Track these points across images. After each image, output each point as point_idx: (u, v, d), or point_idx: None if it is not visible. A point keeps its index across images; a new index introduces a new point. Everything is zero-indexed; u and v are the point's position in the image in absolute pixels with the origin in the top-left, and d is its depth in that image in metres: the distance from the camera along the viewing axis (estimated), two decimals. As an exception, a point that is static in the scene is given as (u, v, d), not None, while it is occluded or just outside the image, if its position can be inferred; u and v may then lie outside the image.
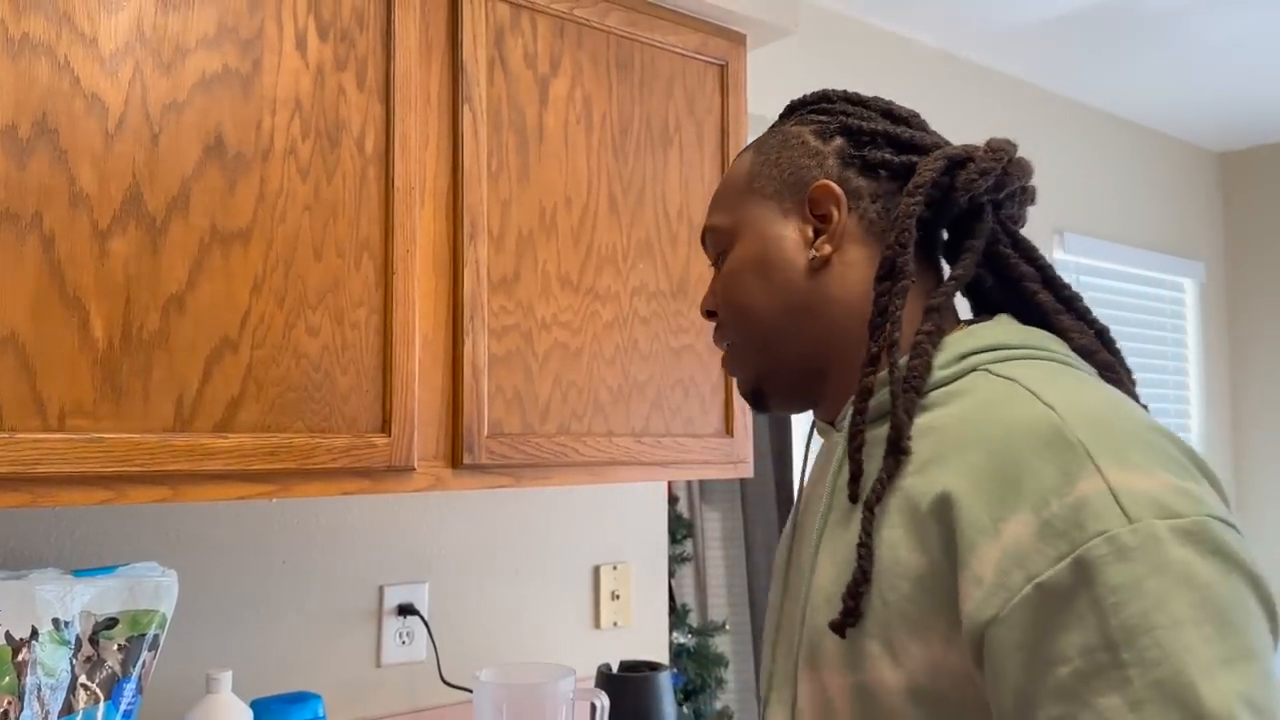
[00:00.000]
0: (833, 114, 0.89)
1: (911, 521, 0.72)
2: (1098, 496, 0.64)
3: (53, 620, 1.23)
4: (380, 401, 1.36)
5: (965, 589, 0.67)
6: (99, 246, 1.16)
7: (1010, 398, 0.73)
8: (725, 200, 0.91)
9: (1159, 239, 3.57)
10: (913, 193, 0.81)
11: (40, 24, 1.14)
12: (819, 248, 0.85)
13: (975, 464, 0.70)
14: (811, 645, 0.79)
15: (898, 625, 0.71)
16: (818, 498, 0.85)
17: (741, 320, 0.88)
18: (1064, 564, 0.64)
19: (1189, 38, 2.81)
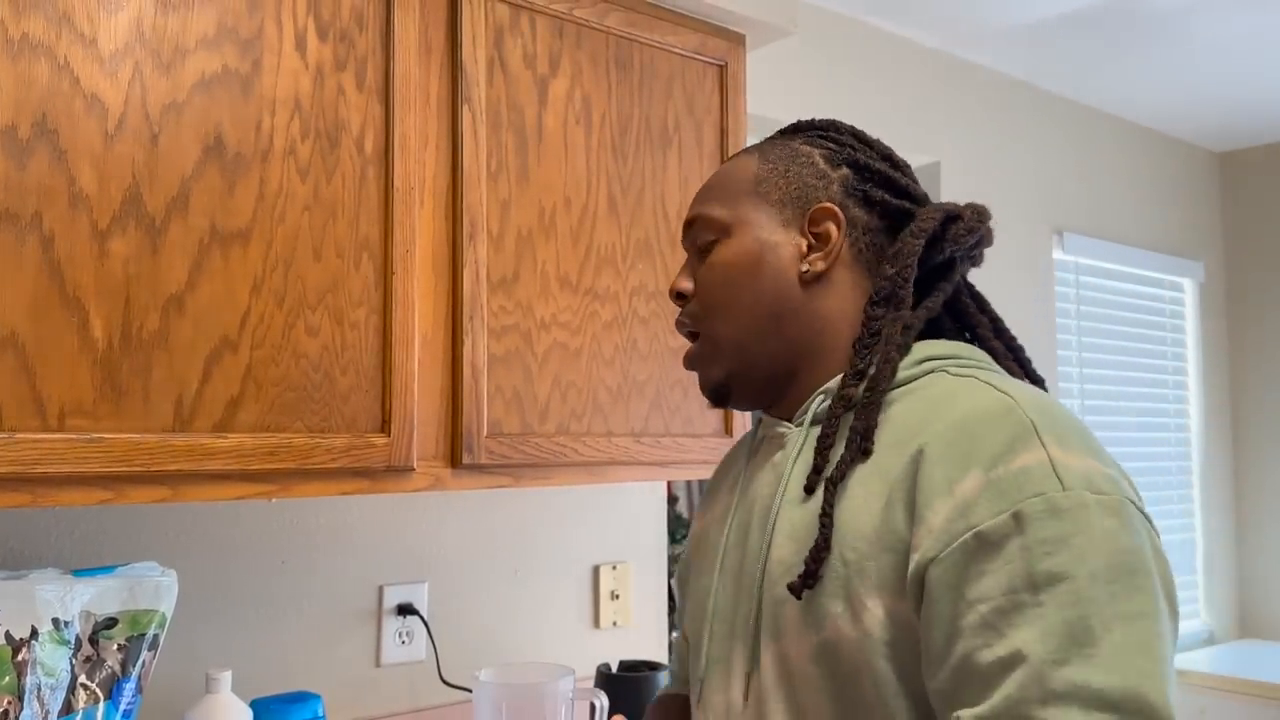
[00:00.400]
0: (841, 145, 0.95)
1: (878, 490, 0.80)
2: (1039, 466, 0.74)
3: (52, 620, 1.23)
4: (380, 401, 1.36)
5: (917, 539, 0.76)
6: (99, 247, 1.16)
7: (971, 388, 0.83)
8: (724, 194, 0.95)
9: (1158, 239, 3.57)
10: (917, 235, 0.90)
11: (40, 24, 1.14)
12: (813, 262, 0.91)
13: (940, 434, 0.79)
14: (773, 615, 0.85)
15: (857, 583, 0.79)
16: (766, 483, 0.92)
17: (723, 315, 0.93)
18: (1002, 517, 0.73)
19: (1189, 38, 2.81)
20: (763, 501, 0.92)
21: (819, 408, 0.91)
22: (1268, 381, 3.73)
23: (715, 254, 0.94)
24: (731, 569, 0.93)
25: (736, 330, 0.92)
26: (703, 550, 1.01)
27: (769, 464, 0.94)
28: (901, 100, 2.76)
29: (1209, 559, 3.65)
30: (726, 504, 1.01)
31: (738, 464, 1.04)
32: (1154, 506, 3.52)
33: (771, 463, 0.94)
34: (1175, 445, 3.62)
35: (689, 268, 0.97)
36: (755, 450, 0.99)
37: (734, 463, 1.06)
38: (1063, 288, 3.24)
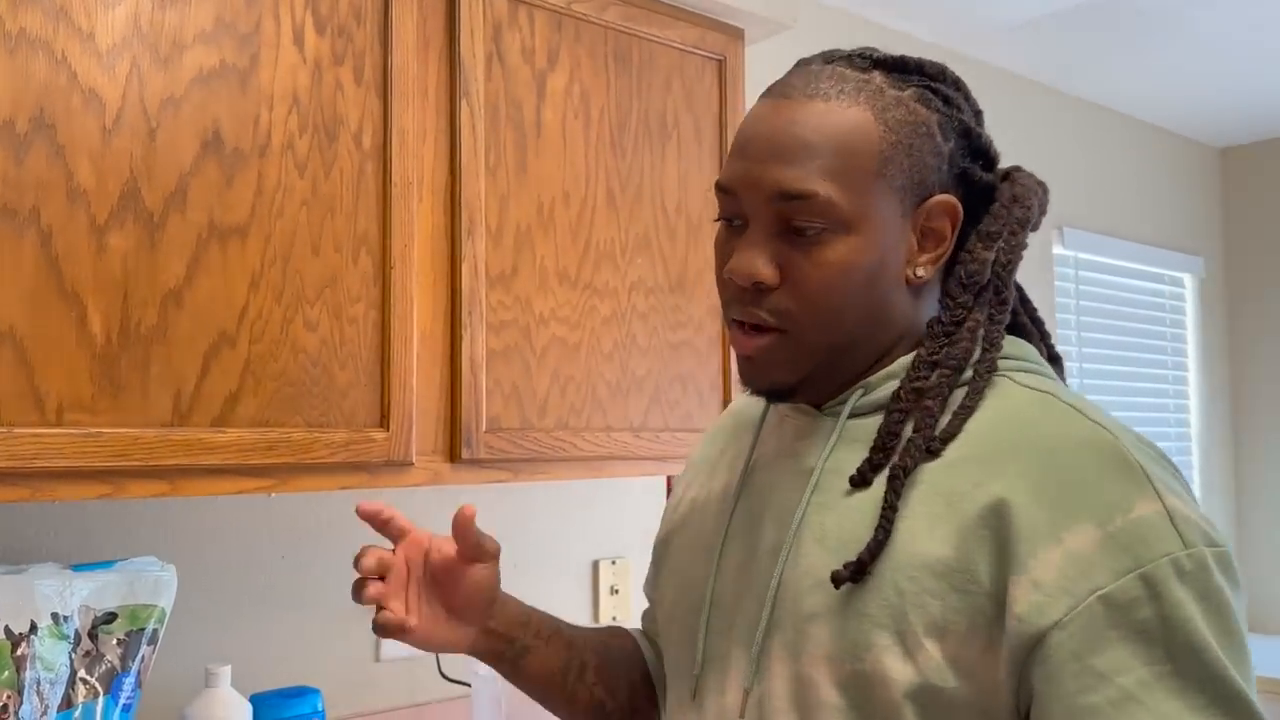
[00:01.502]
0: (953, 104, 0.81)
1: (943, 516, 0.72)
2: (1158, 519, 0.68)
3: (52, 615, 1.23)
4: (378, 396, 1.36)
5: (1019, 593, 0.68)
6: (97, 242, 1.16)
7: (1051, 407, 0.75)
8: (844, 170, 0.76)
9: (1159, 234, 3.57)
10: (1024, 225, 0.81)
11: (37, 19, 1.14)
12: (925, 266, 0.80)
13: (1030, 472, 0.71)
14: (795, 631, 0.77)
15: (915, 619, 0.71)
16: (785, 473, 0.83)
17: (827, 322, 0.78)
18: (1129, 579, 0.67)
19: (1190, 32, 2.81)
20: (781, 494, 0.83)
21: (860, 400, 0.81)
22: (1268, 376, 3.73)
23: (826, 247, 0.76)
24: (734, 563, 0.85)
25: (832, 340, 0.79)
26: (696, 528, 0.92)
27: (788, 451, 0.85)
28: (901, 95, 2.75)
29: (1209, 554, 3.65)
30: (727, 483, 0.91)
31: (740, 437, 0.94)
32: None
33: (791, 451, 0.84)
34: (1175, 440, 3.62)
35: (761, 247, 0.78)
36: (770, 430, 0.89)
37: (735, 434, 0.96)
38: (1063, 283, 3.24)
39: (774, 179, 0.76)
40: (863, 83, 0.78)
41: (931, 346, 0.79)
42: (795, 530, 0.79)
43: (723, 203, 0.81)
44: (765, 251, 0.78)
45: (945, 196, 0.79)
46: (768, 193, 0.77)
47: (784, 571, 0.79)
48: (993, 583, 0.70)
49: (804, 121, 0.77)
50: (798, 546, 0.79)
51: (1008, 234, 0.80)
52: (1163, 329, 3.62)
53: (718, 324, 1.73)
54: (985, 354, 0.78)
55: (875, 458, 0.77)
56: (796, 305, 0.78)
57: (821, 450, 0.81)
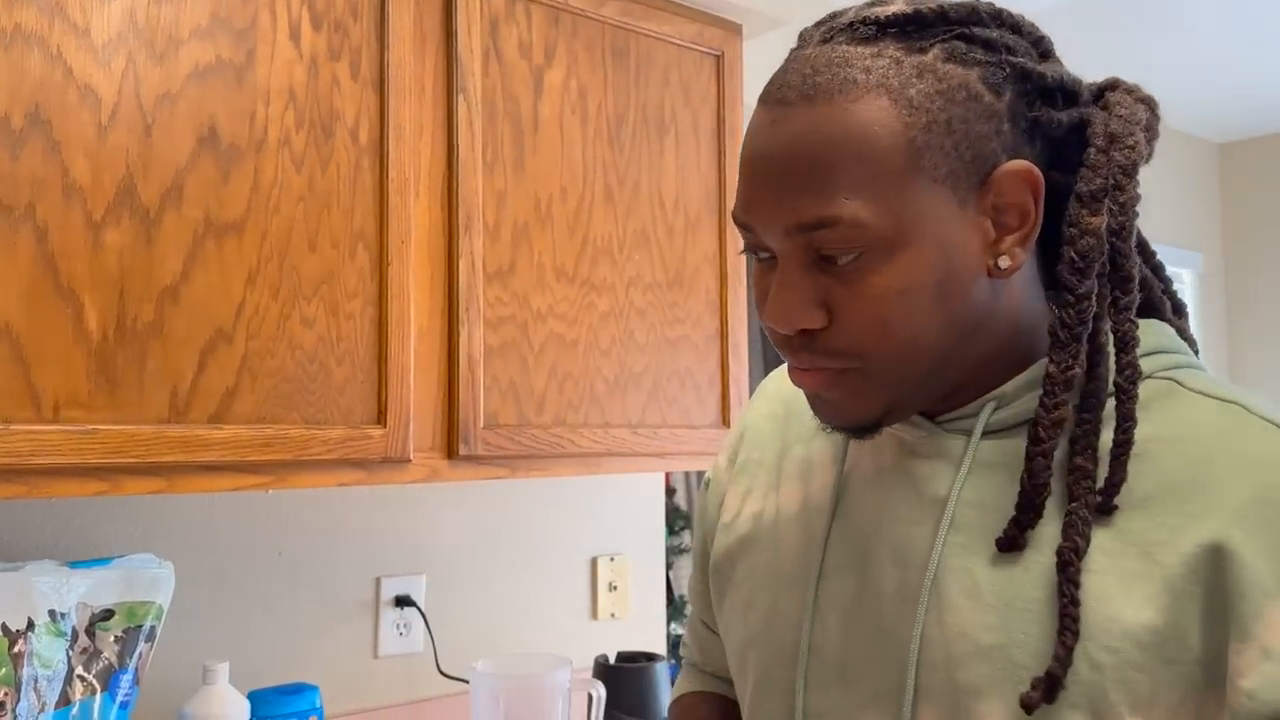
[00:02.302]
0: (996, 49, 0.64)
1: (1140, 573, 0.60)
2: None
3: (49, 612, 1.23)
4: (375, 393, 1.36)
5: (1247, 662, 0.56)
6: (92, 238, 1.16)
7: (1249, 423, 0.62)
8: (864, 176, 0.62)
9: (1158, 230, 3.57)
10: (1130, 171, 0.65)
11: (32, 15, 1.14)
12: (1011, 253, 0.64)
13: (1243, 510, 0.58)
14: (953, 707, 0.64)
15: (1116, 696, 0.59)
16: (902, 503, 0.69)
17: (901, 354, 0.64)
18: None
19: (1188, 27, 2.81)
20: (900, 527, 0.69)
21: (992, 417, 0.67)
22: (1266, 371, 3.73)
23: (871, 273, 0.63)
24: (836, 603, 0.71)
25: (916, 365, 0.65)
26: (769, 550, 0.77)
27: (899, 472, 0.71)
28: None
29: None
30: (806, 497, 0.76)
31: (807, 443, 0.79)
32: None
33: (905, 472, 0.70)
34: (1174, 436, 3.62)
35: (801, 285, 0.64)
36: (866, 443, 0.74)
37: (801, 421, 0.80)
38: (1061, 278, 3.24)
39: (787, 209, 0.63)
40: (871, 60, 0.63)
41: (1061, 359, 0.63)
42: (934, 576, 0.65)
43: (743, 235, 0.68)
44: (802, 292, 0.64)
45: (1015, 164, 0.63)
46: (784, 225, 0.64)
47: (925, 629, 0.65)
48: (1206, 648, 0.58)
49: (809, 132, 0.62)
50: (939, 599, 0.65)
51: (1113, 188, 0.64)
52: (1161, 325, 3.62)
53: (716, 320, 1.73)
54: (1121, 357, 0.64)
55: (1024, 518, 0.63)
56: (856, 344, 0.64)
57: (951, 477, 0.67)
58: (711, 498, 0.87)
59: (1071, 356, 0.63)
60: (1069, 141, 0.67)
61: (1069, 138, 0.67)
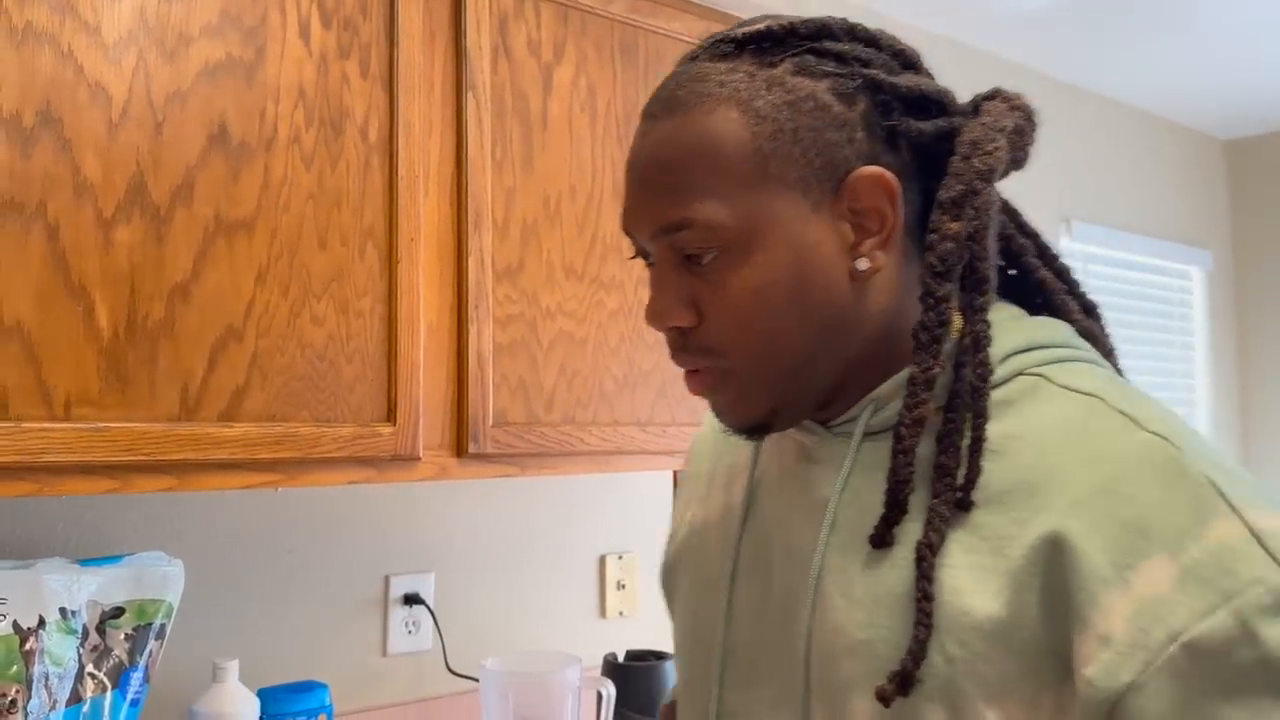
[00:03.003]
0: (846, 60, 0.68)
1: (990, 567, 0.62)
2: (1241, 541, 0.57)
3: (60, 609, 1.24)
4: (385, 391, 1.36)
5: (1086, 650, 0.58)
6: (103, 235, 1.16)
7: (1100, 416, 0.64)
8: (715, 182, 0.67)
9: (1166, 227, 3.56)
10: (985, 176, 0.67)
11: (43, 13, 1.14)
12: (870, 255, 0.67)
13: (1083, 500, 0.60)
14: (834, 702, 0.66)
15: (970, 688, 0.61)
16: (795, 509, 0.73)
17: (764, 350, 0.68)
18: (1217, 617, 0.55)
19: (1197, 23, 2.80)
20: (791, 530, 0.72)
21: (872, 419, 0.70)
22: (1276, 369, 3.72)
23: (728, 273, 0.67)
24: (746, 605, 0.74)
25: (781, 362, 0.68)
26: (698, 556, 0.81)
27: (793, 476, 0.74)
28: (907, 88, 2.74)
29: (1216, 548, 3.64)
30: (725, 505, 0.81)
31: (734, 447, 0.84)
32: None
33: (798, 476, 0.74)
34: (1182, 434, 3.61)
35: (673, 285, 0.69)
36: (771, 446, 0.79)
37: (726, 442, 0.85)
38: (1070, 276, 3.23)
39: (652, 213, 0.68)
40: (726, 75, 0.68)
41: (922, 360, 0.66)
42: (816, 579, 0.68)
43: (631, 240, 0.74)
44: (674, 292, 0.69)
45: (868, 169, 0.66)
46: (650, 229, 0.69)
47: (810, 625, 0.68)
48: (1052, 638, 0.60)
49: (664, 142, 0.68)
50: (822, 598, 0.68)
51: (970, 194, 0.66)
52: (1170, 322, 3.61)
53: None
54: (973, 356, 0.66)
55: (891, 514, 0.66)
56: (721, 341, 0.69)
57: (834, 479, 0.70)
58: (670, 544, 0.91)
59: (932, 357, 0.66)
60: (940, 151, 0.69)
61: (939, 147, 0.69)
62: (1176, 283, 3.65)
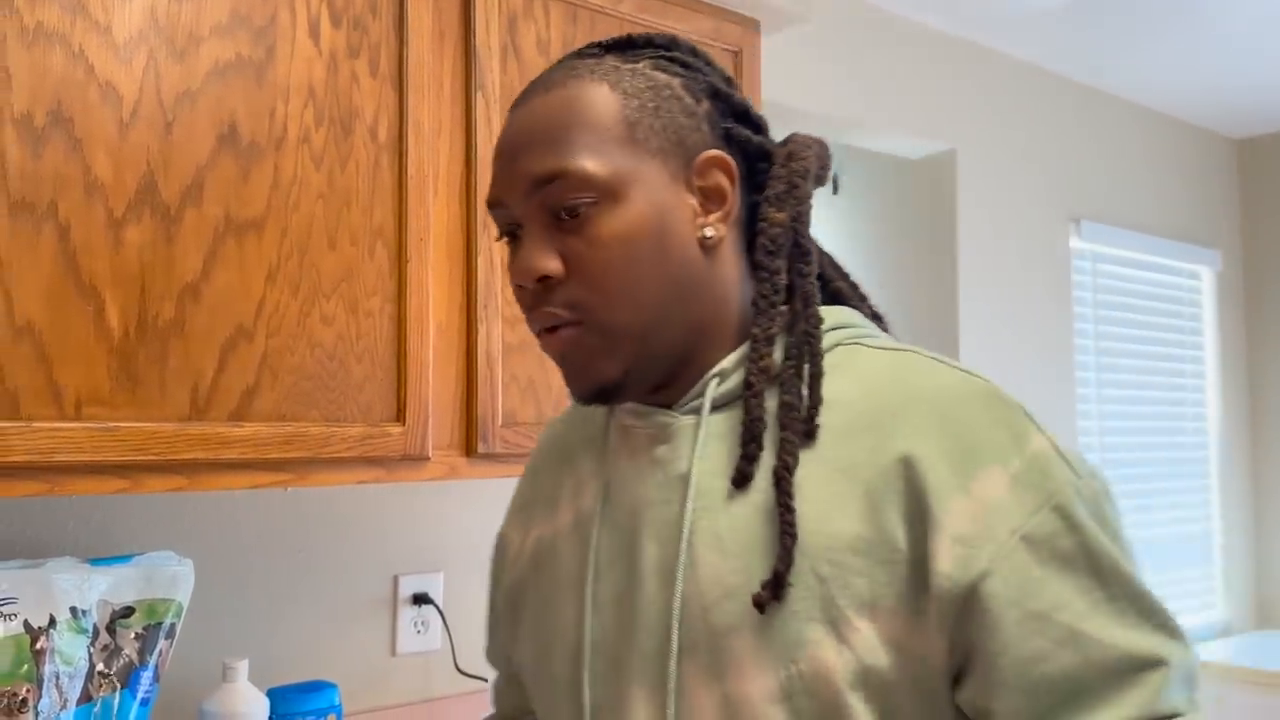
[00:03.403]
0: (694, 69, 0.79)
1: (847, 492, 0.70)
2: (1049, 451, 0.70)
3: (70, 609, 1.24)
4: (395, 390, 1.36)
5: (941, 550, 0.67)
6: (114, 235, 1.16)
7: (919, 364, 0.75)
8: (592, 140, 0.74)
9: (1176, 227, 3.54)
10: (803, 175, 0.78)
11: (54, 13, 1.14)
12: (715, 226, 0.76)
13: (924, 428, 0.70)
14: (713, 650, 0.71)
15: (843, 602, 0.68)
16: (654, 486, 0.77)
17: (624, 302, 0.74)
18: (1044, 513, 0.67)
19: (1207, 22, 2.79)
20: (656, 509, 0.76)
21: (717, 391, 0.77)
22: (1286, 370, 3.71)
23: (598, 223, 0.73)
24: (610, 595, 0.78)
25: (639, 316, 0.74)
26: (550, 570, 0.84)
27: (648, 459, 0.78)
28: (917, 87, 2.74)
29: (1227, 549, 3.63)
30: (578, 512, 0.84)
31: (577, 465, 0.87)
32: (1171, 497, 3.50)
33: (653, 458, 0.78)
34: (1193, 435, 3.60)
35: (542, 240, 0.75)
36: (617, 444, 0.83)
37: (567, 463, 0.89)
38: (1079, 276, 3.22)
39: (526, 170, 0.75)
40: (594, 65, 0.77)
41: (763, 322, 0.76)
42: (687, 541, 0.73)
43: (496, 219, 0.79)
44: (544, 246, 0.75)
45: (713, 152, 0.76)
46: (525, 186, 0.75)
47: (684, 587, 0.73)
48: (912, 547, 0.68)
49: (541, 110, 0.76)
50: (693, 560, 0.73)
51: (792, 189, 0.78)
52: (1180, 322, 3.60)
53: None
54: (806, 310, 0.76)
55: (749, 450, 0.73)
56: (587, 291, 0.74)
57: (689, 452, 0.76)
58: (498, 555, 0.95)
59: (770, 320, 0.76)
60: (757, 168, 0.80)
61: (756, 164, 0.80)
62: (1186, 282, 3.63)
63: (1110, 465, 3.27)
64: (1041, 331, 3.01)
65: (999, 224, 2.92)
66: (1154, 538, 3.42)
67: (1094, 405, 3.24)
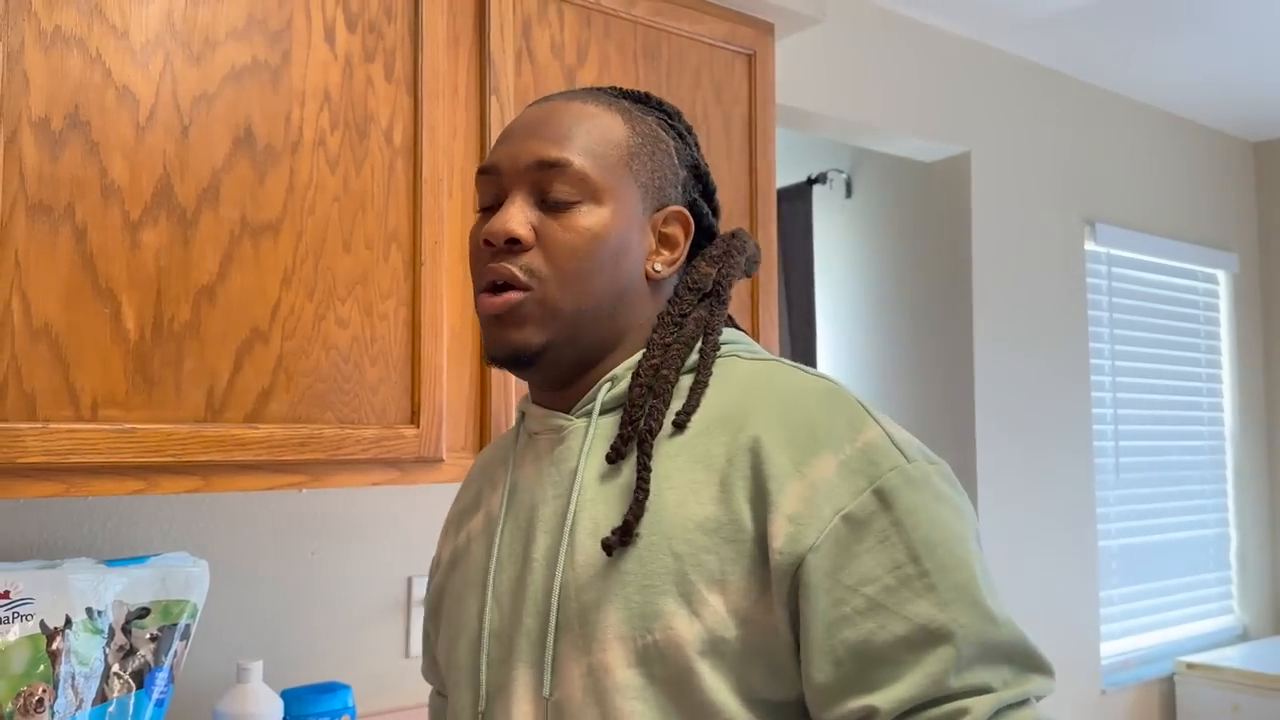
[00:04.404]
0: (685, 142, 0.92)
1: (704, 481, 0.78)
2: (881, 440, 0.77)
3: (86, 609, 1.24)
4: (409, 393, 1.36)
5: (776, 528, 0.74)
6: (130, 238, 1.17)
7: (778, 370, 0.83)
8: (595, 149, 0.85)
9: (1192, 230, 3.52)
10: (740, 250, 0.91)
11: (72, 17, 1.14)
12: (663, 267, 0.88)
13: (771, 420, 0.78)
14: (582, 625, 0.78)
15: (695, 577, 0.75)
16: (550, 483, 0.85)
17: (574, 287, 0.83)
18: (865, 495, 0.74)
19: (1223, 25, 2.77)
20: (549, 504, 0.84)
21: (607, 395, 0.85)
22: (1304, 374, 3.68)
23: (579, 216, 0.83)
24: (508, 585, 0.85)
25: (578, 305, 0.83)
26: (463, 570, 0.92)
27: (548, 461, 0.87)
28: (931, 90, 2.73)
29: (1243, 554, 3.61)
30: (488, 515, 0.92)
31: (497, 471, 0.95)
32: (1187, 500, 3.47)
33: (551, 459, 0.86)
34: (1209, 439, 3.58)
35: (522, 210, 0.84)
36: (523, 450, 0.91)
37: (492, 472, 0.97)
38: (1095, 279, 3.21)
39: (533, 150, 0.84)
40: (612, 100, 0.89)
41: (663, 333, 0.85)
42: (570, 530, 0.81)
43: (484, 187, 0.87)
44: (524, 214, 0.83)
45: (678, 207, 0.88)
46: (526, 162, 0.84)
47: (564, 572, 0.80)
48: (755, 526, 0.75)
49: (562, 111, 0.86)
50: (573, 547, 0.81)
51: (725, 256, 0.90)
52: (1196, 325, 3.58)
53: (747, 321, 1.72)
54: (709, 338, 0.86)
55: (625, 430, 0.81)
56: (547, 266, 0.83)
57: (581, 450, 0.84)
58: (430, 573, 1.04)
59: (668, 330, 0.85)
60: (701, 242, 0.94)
61: (701, 239, 0.94)
62: (1202, 286, 3.61)
63: (1126, 469, 3.26)
64: (1056, 335, 3.00)
65: (1014, 227, 2.91)
66: (1170, 542, 3.40)
67: (1110, 409, 3.22)
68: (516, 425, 0.94)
